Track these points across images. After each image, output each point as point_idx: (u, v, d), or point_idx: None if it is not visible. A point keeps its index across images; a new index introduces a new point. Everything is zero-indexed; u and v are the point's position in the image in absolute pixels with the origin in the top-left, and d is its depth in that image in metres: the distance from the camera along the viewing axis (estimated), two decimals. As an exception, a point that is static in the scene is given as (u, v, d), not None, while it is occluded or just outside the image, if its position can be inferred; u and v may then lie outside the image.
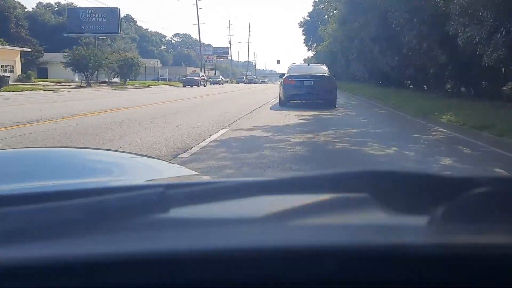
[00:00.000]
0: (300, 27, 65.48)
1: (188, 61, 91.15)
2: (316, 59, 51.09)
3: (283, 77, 13.12)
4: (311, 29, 61.10)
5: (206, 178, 1.18)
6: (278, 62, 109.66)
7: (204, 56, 77.10)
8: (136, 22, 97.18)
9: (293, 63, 18.26)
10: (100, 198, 0.56)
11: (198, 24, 62.92)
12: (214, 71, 76.02)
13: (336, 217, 0.55)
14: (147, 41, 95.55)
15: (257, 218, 0.53)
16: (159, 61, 65.31)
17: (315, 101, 12.27)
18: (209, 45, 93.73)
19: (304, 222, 0.52)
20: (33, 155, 1.20)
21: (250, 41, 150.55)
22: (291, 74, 12.96)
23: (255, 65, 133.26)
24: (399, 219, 0.55)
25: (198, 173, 1.31)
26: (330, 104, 12.36)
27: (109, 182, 0.93)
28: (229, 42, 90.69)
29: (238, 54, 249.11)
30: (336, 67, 34.49)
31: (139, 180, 0.96)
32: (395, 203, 0.56)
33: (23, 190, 0.76)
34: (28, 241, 0.45)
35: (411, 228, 0.50)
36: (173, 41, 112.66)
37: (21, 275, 0.40)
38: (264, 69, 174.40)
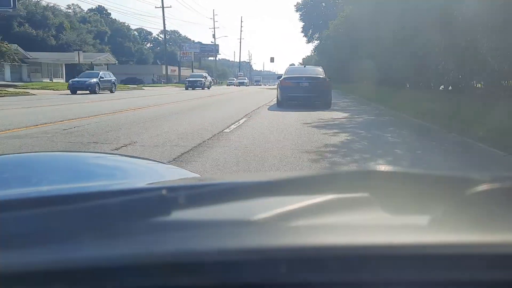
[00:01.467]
0: (297, 10, 50.00)
1: (172, 59, 76.78)
2: (319, 54, 37.32)
3: (280, 79, 13.37)
4: (311, 14, 45.67)
5: (207, 180, 1.12)
6: (272, 60, 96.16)
7: (179, 52, 61.97)
8: (110, 14, 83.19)
9: (292, 64, 21.88)
10: (102, 201, 0.58)
11: (163, 7, 47.63)
12: (192, 70, 60.78)
13: (336, 217, 0.54)
14: (123, 37, 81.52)
15: (258, 219, 0.52)
16: (111, 56, 49.98)
17: (312, 101, 12.46)
18: (198, 43, 79.82)
19: (305, 222, 0.51)
20: (35, 160, 1.20)
21: (242, 37, 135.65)
22: (287, 76, 13.09)
23: (250, 65, 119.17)
24: (399, 219, 0.55)
25: (198, 175, 1.31)
26: (326, 104, 12.50)
27: (111, 185, 0.91)
28: (213, 35, 75.73)
29: (234, 54, 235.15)
30: (355, 62, 20.45)
31: (141, 183, 0.94)
32: (395, 203, 0.57)
33: (25, 195, 0.74)
34: (31, 245, 0.44)
35: (411, 228, 0.49)
36: (159, 38, 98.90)
37: (24, 280, 0.39)
38: (262, 70, 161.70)
